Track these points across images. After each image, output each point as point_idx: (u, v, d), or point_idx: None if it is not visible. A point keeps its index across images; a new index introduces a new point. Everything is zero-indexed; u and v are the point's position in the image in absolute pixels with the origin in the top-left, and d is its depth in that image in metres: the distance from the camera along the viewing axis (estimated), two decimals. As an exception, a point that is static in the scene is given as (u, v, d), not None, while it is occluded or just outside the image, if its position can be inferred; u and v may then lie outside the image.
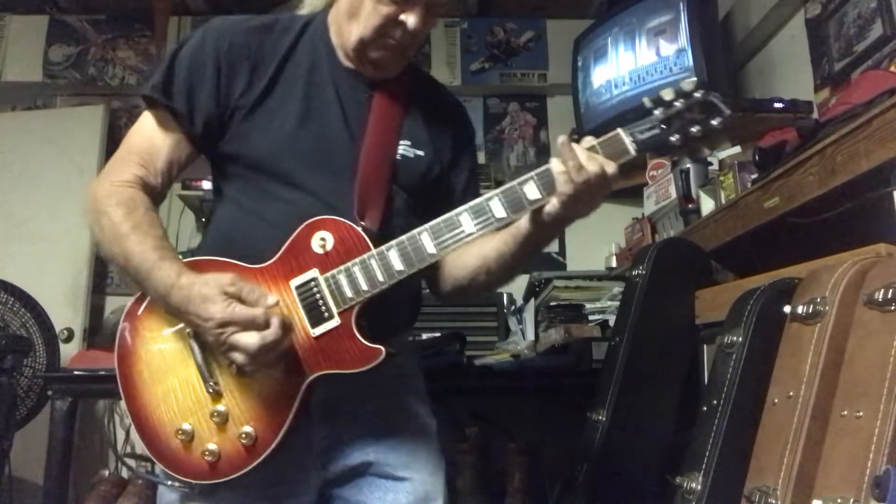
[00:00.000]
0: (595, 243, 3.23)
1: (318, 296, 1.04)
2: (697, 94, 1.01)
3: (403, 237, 1.04)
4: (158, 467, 1.07)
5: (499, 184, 1.07)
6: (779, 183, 1.57)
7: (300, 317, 1.04)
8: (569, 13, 3.68)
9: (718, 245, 1.88)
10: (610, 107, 2.97)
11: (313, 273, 1.04)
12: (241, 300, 0.99)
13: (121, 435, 3.16)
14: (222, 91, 1.11)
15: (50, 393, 2.23)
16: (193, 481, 1.04)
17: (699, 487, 1.20)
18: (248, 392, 1.04)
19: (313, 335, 1.03)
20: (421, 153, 1.19)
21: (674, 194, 2.38)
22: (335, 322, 1.03)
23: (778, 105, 2.42)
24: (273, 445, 1.02)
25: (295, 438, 1.06)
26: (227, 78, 1.11)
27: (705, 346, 1.70)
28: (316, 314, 1.04)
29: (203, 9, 3.63)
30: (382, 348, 1.02)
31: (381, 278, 1.03)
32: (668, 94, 1.02)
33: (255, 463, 1.02)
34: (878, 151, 1.24)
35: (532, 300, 3.04)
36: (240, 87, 1.11)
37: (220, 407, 1.04)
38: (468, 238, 1.03)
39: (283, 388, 1.03)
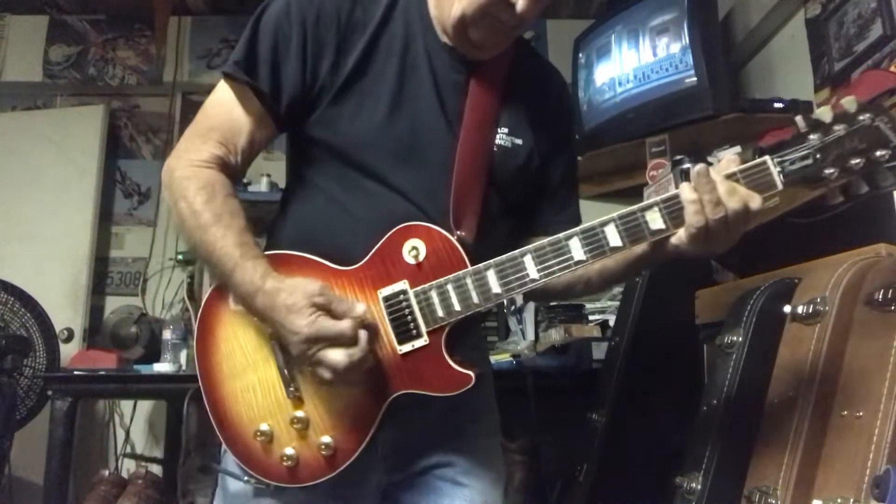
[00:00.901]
0: (595, 243, 3.22)
1: (406, 311, 0.97)
2: (862, 118, 0.84)
3: (504, 258, 0.95)
4: (234, 461, 1.03)
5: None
6: (779, 183, 1.57)
7: (387, 331, 0.97)
8: (569, 13, 3.68)
9: (718, 245, 1.88)
10: (612, 105, 2.97)
11: (403, 285, 0.97)
12: (329, 311, 0.92)
13: (121, 435, 3.17)
14: (309, 67, 1.01)
15: (50, 393, 2.23)
16: (274, 483, 1.01)
17: (699, 487, 1.20)
18: (329, 402, 0.99)
19: (399, 352, 0.97)
20: (519, 141, 1.08)
21: (674, 194, 2.38)
22: (423, 341, 0.96)
23: (778, 105, 2.43)
24: (353, 458, 0.99)
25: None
26: (314, 52, 1.01)
27: (705, 346, 1.70)
28: (403, 330, 0.97)
29: (203, 9, 3.63)
30: (472, 374, 0.95)
31: (476, 300, 0.95)
32: (826, 116, 0.85)
33: (333, 474, 0.99)
34: (878, 151, 1.24)
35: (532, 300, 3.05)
36: (328, 61, 1.01)
37: (300, 413, 0.99)
38: (576, 266, 0.94)
39: (366, 402, 0.98)
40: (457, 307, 0.95)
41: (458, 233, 0.99)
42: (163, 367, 2.43)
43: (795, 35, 2.55)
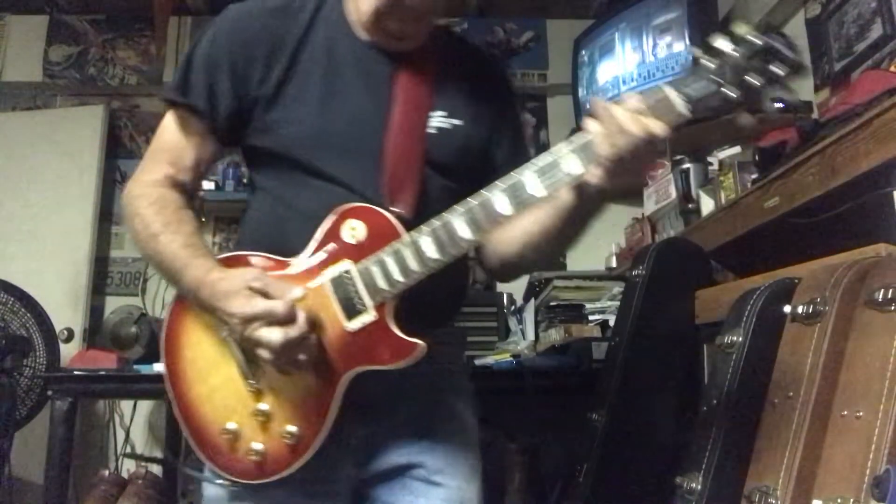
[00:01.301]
0: (595, 243, 3.23)
1: (351, 288, 0.99)
2: (757, 39, 0.84)
3: (436, 222, 0.97)
4: (207, 466, 1.06)
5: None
6: (779, 183, 1.57)
7: (334, 310, 0.99)
8: (569, 13, 3.68)
9: (718, 245, 1.88)
10: (613, 105, 2.97)
11: (346, 264, 1.00)
12: (265, 295, 0.96)
13: (121, 435, 3.17)
14: (240, 83, 1.09)
15: (50, 393, 2.23)
16: (242, 481, 1.03)
17: (699, 487, 1.20)
18: (287, 390, 1.01)
19: (348, 329, 0.99)
20: (458, 122, 1.12)
21: (674, 194, 2.38)
22: (370, 316, 0.99)
23: (778, 105, 2.42)
24: (316, 444, 1.00)
25: (331, 435, 1.03)
26: (243, 69, 1.08)
27: (705, 346, 1.70)
28: (350, 308, 0.99)
29: (203, 9, 3.63)
30: (421, 343, 0.97)
31: (414, 267, 0.97)
32: (721, 42, 0.86)
33: (299, 462, 1.01)
34: (878, 151, 1.24)
35: (532, 300, 3.04)
36: (257, 76, 1.08)
37: (263, 406, 1.02)
38: (505, 221, 0.96)
39: (322, 385, 1.00)
40: (397, 276, 0.97)
41: (394, 210, 1.02)
42: (163, 367, 2.42)
43: (795, 35, 2.54)
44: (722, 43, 0.86)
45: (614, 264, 3.00)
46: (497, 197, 0.95)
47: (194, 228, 1.07)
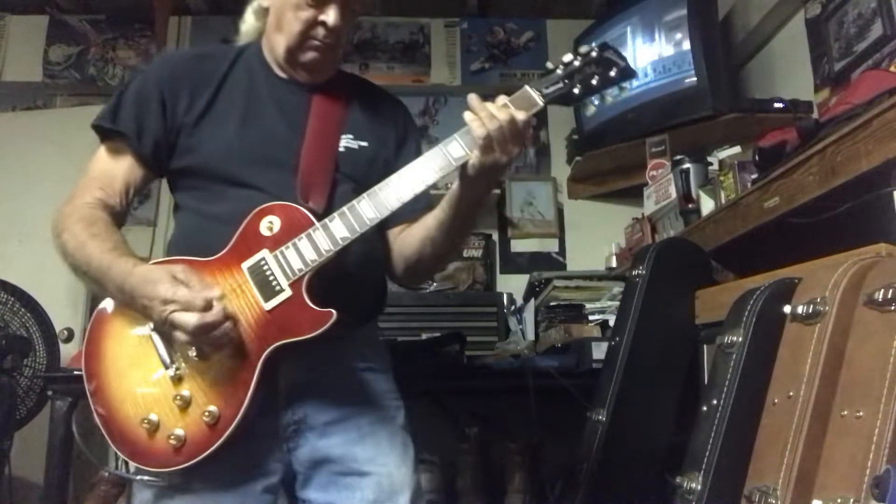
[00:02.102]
0: (595, 243, 3.23)
1: (268, 272, 1.09)
2: (593, 53, 1.15)
3: (344, 207, 1.11)
4: (131, 466, 1.10)
5: (499, 184, 1.10)
6: (779, 183, 1.57)
7: (253, 294, 1.09)
8: (569, 13, 3.68)
9: (718, 245, 1.88)
10: (612, 105, 2.96)
11: (263, 253, 1.10)
12: (187, 286, 1.03)
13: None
14: (168, 112, 1.21)
15: (50, 393, 2.22)
16: (163, 470, 1.07)
17: (699, 487, 1.20)
18: (209, 373, 1.08)
19: (266, 309, 1.08)
20: (364, 143, 1.28)
21: (674, 194, 2.38)
22: (286, 294, 1.08)
23: (778, 105, 2.43)
24: (236, 421, 1.05)
25: (262, 422, 1.10)
26: (171, 99, 1.21)
27: (705, 346, 1.70)
28: (267, 289, 1.08)
29: (203, 9, 3.63)
30: (333, 311, 1.05)
31: (326, 246, 1.08)
32: (567, 57, 1.16)
33: (219, 441, 1.05)
34: (878, 151, 1.24)
35: (532, 300, 3.04)
36: (183, 106, 1.21)
37: (184, 391, 1.07)
38: (404, 198, 1.10)
39: (243, 364, 1.07)
40: (311, 256, 1.08)
41: (308, 205, 1.14)
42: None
43: (795, 35, 2.55)
44: (568, 56, 1.16)
45: (614, 264, 3.00)
46: (395, 180, 1.11)
47: (122, 238, 1.16)
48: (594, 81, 1.14)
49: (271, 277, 1.08)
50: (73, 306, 3.28)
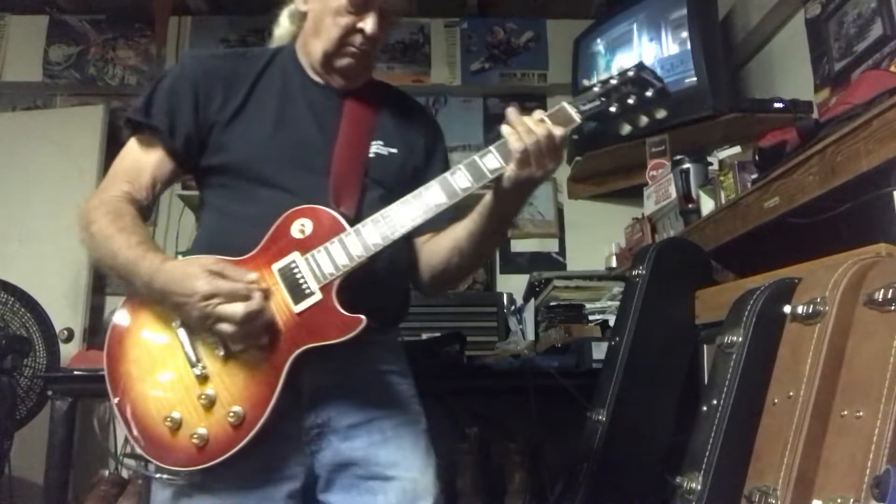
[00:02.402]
0: (595, 243, 3.23)
1: (298, 275, 1.09)
2: (630, 72, 1.16)
3: (377, 214, 1.11)
4: (152, 464, 1.08)
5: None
6: (779, 183, 1.57)
7: (283, 296, 1.08)
8: (569, 13, 3.68)
9: (718, 245, 1.88)
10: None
11: (293, 256, 1.10)
12: (223, 277, 1.03)
13: (121, 435, 3.16)
14: (200, 108, 1.20)
15: (50, 393, 2.22)
16: (183, 469, 1.06)
17: (699, 487, 1.20)
18: (235, 373, 1.07)
19: (296, 311, 1.07)
20: (394, 150, 1.28)
21: (674, 194, 2.38)
22: (316, 297, 1.07)
23: (778, 105, 2.43)
24: (261, 423, 1.04)
25: (285, 425, 1.09)
26: (204, 97, 1.20)
27: (705, 346, 1.70)
28: (298, 292, 1.08)
29: (203, 9, 3.63)
30: (362, 317, 1.05)
31: (358, 252, 1.08)
32: (605, 75, 1.18)
33: (243, 442, 1.04)
34: (878, 151, 1.24)
35: (532, 300, 3.04)
36: (216, 103, 1.20)
37: (209, 390, 1.06)
38: (437, 208, 1.10)
39: (270, 365, 1.06)
40: (342, 261, 1.08)
41: (339, 210, 1.14)
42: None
43: (795, 35, 2.55)
44: (606, 74, 1.18)
45: (614, 264, 3.00)
46: (431, 189, 1.11)
47: (148, 234, 1.15)
48: (631, 100, 1.15)
49: (301, 280, 1.08)
50: (73, 306, 3.28)
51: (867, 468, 0.89)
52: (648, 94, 1.15)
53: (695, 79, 2.60)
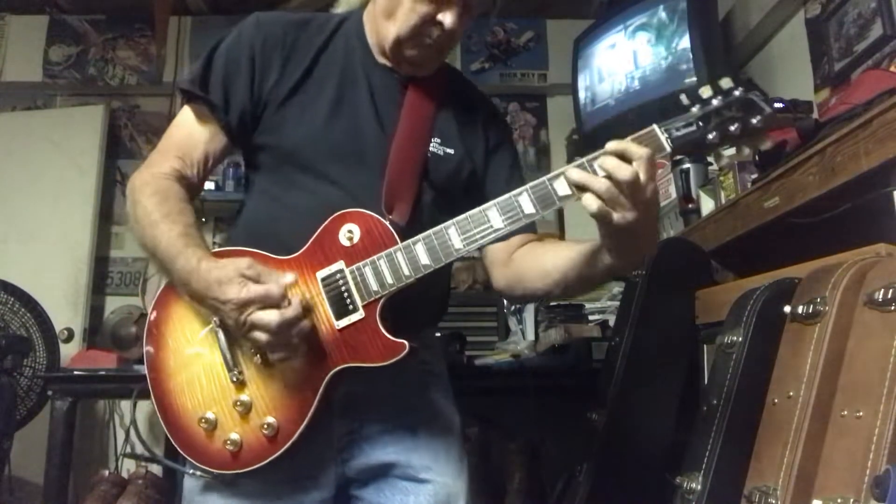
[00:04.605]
0: (595, 243, 3.22)
1: (343, 288, 1.03)
2: (737, 92, 0.97)
3: (430, 231, 1.02)
4: (181, 456, 1.07)
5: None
6: (779, 183, 1.57)
7: (325, 308, 1.03)
8: (569, 13, 3.68)
9: (718, 245, 1.88)
10: (613, 105, 2.97)
11: (339, 265, 1.04)
12: (258, 282, 0.98)
13: (121, 435, 3.17)
14: (256, 82, 1.13)
15: (50, 393, 2.23)
16: (215, 471, 1.04)
17: (699, 487, 1.20)
18: (271, 383, 1.03)
19: (337, 327, 1.02)
20: (451, 151, 1.19)
21: (674, 194, 2.38)
22: (359, 315, 1.02)
23: (778, 105, 2.42)
24: (294, 438, 1.01)
25: (316, 432, 1.05)
26: (261, 70, 1.13)
27: (705, 346, 1.70)
28: (340, 306, 1.02)
29: (203, 9, 3.63)
30: (406, 343, 1.00)
31: (406, 272, 1.01)
32: (706, 92, 0.98)
33: (276, 454, 1.02)
34: (878, 151, 1.24)
35: (532, 300, 3.04)
36: (273, 78, 1.13)
37: (244, 397, 1.03)
38: (495, 234, 1.00)
39: (307, 379, 1.02)
40: (389, 280, 1.01)
41: (390, 217, 1.07)
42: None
43: (795, 35, 2.55)
44: (707, 92, 0.97)
45: (614, 264, 2.99)
46: (490, 211, 1.01)
47: (193, 220, 1.08)
48: (733, 128, 0.96)
49: (346, 294, 1.02)
50: (73, 306, 3.28)
51: (867, 468, 0.89)
52: (755, 121, 0.96)
53: (695, 79, 2.60)
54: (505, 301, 3.06)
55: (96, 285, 3.43)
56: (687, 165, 2.33)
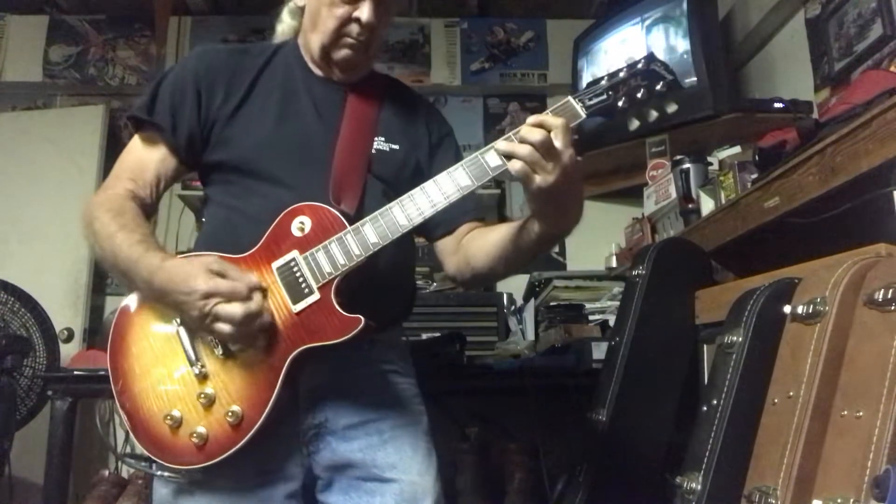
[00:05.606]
0: (595, 243, 3.23)
1: (297, 274, 1.08)
2: (640, 65, 1.12)
3: (376, 212, 1.09)
4: (154, 463, 1.09)
5: (499, 184, 1.08)
6: (779, 183, 1.57)
7: (282, 295, 1.08)
8: (569, 13, 3.68)
9: (718, 245, 1.88)
10: (611, 106, 2.97)
11: (293, 254, 1.09)
12: (224, 278, 1.03)
13: (121, 435, 3.17)
14: (203, 104, 1.20)
15: (50, 393, 2.23)
16: (184, 468, 1.06)
17: (699, 487, 1.20)
18: (234, 372, 1.07)
19: (294, 311, 1.07)
20: (396, 147, 1.27)
21: (674, 194, 2.38)
22: (315, 297, 1.07)
23: (778, 105, 2.43)
24: (259, 423, 1.04)
25: (283, 426, 1.09)
26: (206, 93, 1.21)
27: (705, 346, 1.70)
28: (296, 291, 1.08)
29: (203, 9, 3.63)
30: (361, 318, 1.05)
31: (357, 251, 1.07)
32: (614, 68, 1.13)
33: (242, 442, 1.04)
34: (878, 151, 1.24)
35: (532, 300, 3.04)
36: (219, 98, 1.21)
37: (208, 389, 1.07)
38: (436, 207, 1.08)
39: (268, 365, 1.06)
40: (341, 260, 1.07)
41: (339, 207, 1.13)
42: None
43: (795, 35, 2.55)
44: (615, 67, 1.13)
45: (614, 264, 3.00)
46: (429, 186, 1.09)
47: (151, 231, 1.15)
48: (640, 94, 1.10)
49: (301, 279, 1.08)
50: (73, 306, 3.28)
51: (867, 468, 0.89)
52: (658, 86, 1.10)
53: (695, 79, 2.60)
54: (505, 301, 3.06)
55: (96, 285, 3.43)
56: (687, 165, 2.33)
